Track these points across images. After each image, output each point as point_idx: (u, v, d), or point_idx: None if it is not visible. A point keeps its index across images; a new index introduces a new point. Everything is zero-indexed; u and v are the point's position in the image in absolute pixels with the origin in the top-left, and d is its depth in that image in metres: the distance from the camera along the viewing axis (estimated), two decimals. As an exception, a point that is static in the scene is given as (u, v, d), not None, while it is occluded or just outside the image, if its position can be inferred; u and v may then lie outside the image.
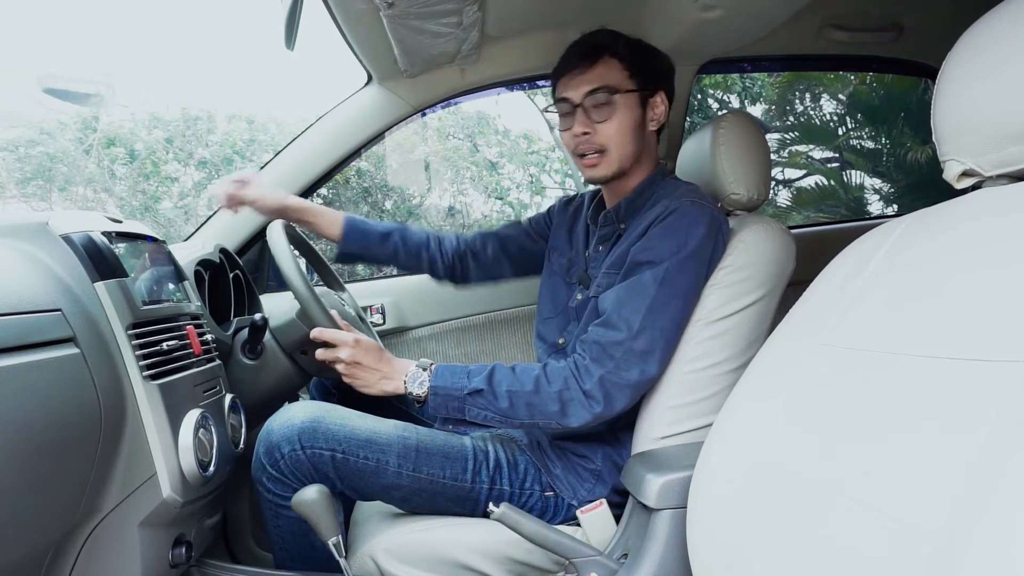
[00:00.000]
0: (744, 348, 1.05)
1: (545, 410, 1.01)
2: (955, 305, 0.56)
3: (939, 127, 0.65)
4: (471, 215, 4.89)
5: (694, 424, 1.04)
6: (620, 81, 1.09)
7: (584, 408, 1.00)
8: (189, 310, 1.12)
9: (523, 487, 1.12)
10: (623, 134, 1.09)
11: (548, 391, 1.00)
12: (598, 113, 1.09)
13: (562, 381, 1.01)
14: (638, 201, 1.13)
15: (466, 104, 4.84)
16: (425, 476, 1.08)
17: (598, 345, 1.01)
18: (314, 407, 1.11)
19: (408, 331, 1.88)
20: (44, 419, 0.73)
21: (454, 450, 1.12)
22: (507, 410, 1.01)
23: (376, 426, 1.10)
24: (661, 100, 1.13)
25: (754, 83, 4.88)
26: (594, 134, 1.09)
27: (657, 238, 1.03)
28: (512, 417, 1.02)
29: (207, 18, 12.88)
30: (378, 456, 1.07)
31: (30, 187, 4.41)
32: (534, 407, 1.01)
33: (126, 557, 0.91)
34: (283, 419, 1.08)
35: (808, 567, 0.57)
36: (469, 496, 1.10)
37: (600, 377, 0.99)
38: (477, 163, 4.86)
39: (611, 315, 1.02)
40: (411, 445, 1.09)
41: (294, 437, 1.05)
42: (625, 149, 1.10)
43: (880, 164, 4.81)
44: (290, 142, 1.68)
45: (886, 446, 0.54)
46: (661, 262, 1.01)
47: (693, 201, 1.05)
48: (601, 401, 0.99)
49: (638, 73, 1.09)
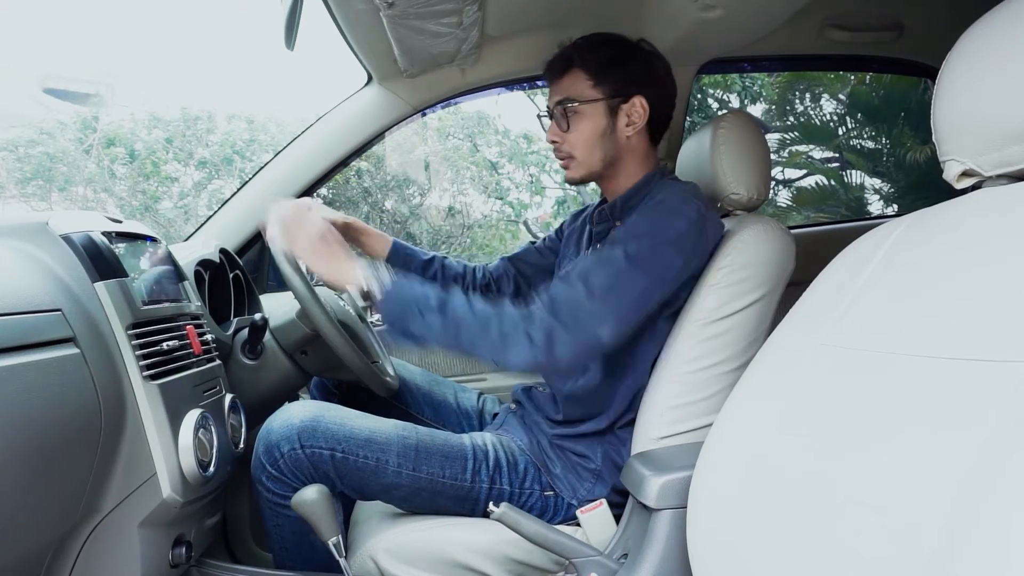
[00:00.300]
0: (744, 348, 1.05)
1: (488, 344, 0.97)
2: (955, 305, 0.56)
3: (939, 127, 0.65)
4: (471, 215, 4.89)
5: (694, 424, 1.04)
6: (583, 92, 1.12)
7: (527, 350, 0.96)
8: (189, 310, 1.12)
9: (523, 486, 1.12)
10: (587, 142, 1.14)
11: (498, 327, 0.97)
12: (564, 123, 1.14)
13: (511, 324, 0.97)
14: (634, 199, 1.15)
15: (466, 104, 4.84)
16: (425, 475, 1.08)
17: (553, 299, 0.99)
18: (313, 406, 1.11)
19: (408, 331, 1.88)
20: (44, 419, 0.73)
21: (454, 450, 1.12)
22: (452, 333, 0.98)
23: (376, 425, 1.11)
24: (640, 105, 1.12)
25: (754, 83, 4.88)
26: (561, 142, 1.16)
27: (637, 223, 1.05)
28: (454, 345, 0.99)
29: (207, 18, 12.89)
30: (378, 455, 1.07)
31: (30, 187, 4.41)
32: (476, 339, 0.98)
33: (126, 557, 0.91)
34: (282, 419, 1.08)
35: (808, 567, 0.57)
36: (469, 496, 1.11)
37: (547, 326, 0.96)
38: (477, 163, 4.86)
39: (573, 275, 1.00)
40: (411, 444, 1.09)
41: (293, 436, 1.05)
42: (591, 156, 1.15)
43: (880, 164, 4.81)
44: (290, 142, 1.68)
45: (886, 446, 0.54)
46: (635, 240, 1.01)
47: (683, 197, 1.05)
48: (543, 349, 0.96)
49: (604, 83, 1.12)
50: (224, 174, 4.64)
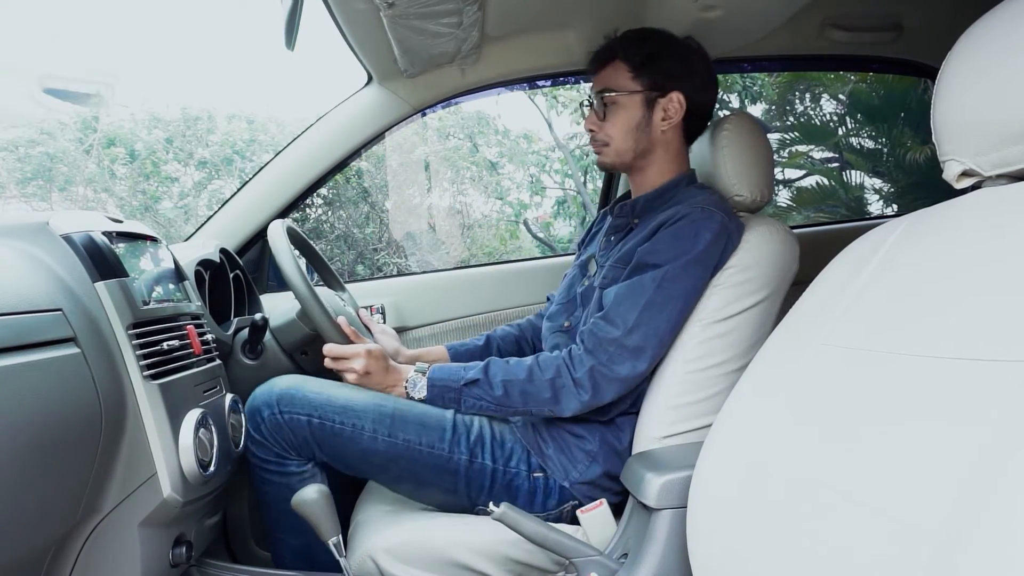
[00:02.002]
0: (747, 349, 1.05)
1: (538, 397, 1.05)
2: (956, 305, 0.56)
3: (939, 127, 0.65)
4: (471, 215, 4.89)
5: (695, 424, 1.04)
6: (623, 83, 1.16)
7: (574, 396, 1.04)
8: (189, 310, 1.12)
9: (508, 464, 1.13)
10: (622, 132, 1.18)
11: (541, 378, 1.05)
12: (602, 111, 1.18)
13: (554, 369, 1.06)
14: (657, 201, 1.18)
15: (466, 104, 4.84)
16: (401, 442, 1.10)
17: (594, 337, 1.06)
18: (297, 378, 1.17)
19: (408, 331, 1.88)
20: (44, 419, 0.73)
21: (432, 419, 1.14)
22: (502, 398, 1.06)
23: (353, 394, 1.14)
24: (677, 100, 1.16)
25: (754, 83, 4.88)
26: (598, 131, 1.20)
27: (663, 241, 1.07)
28: (507, 405, 1.07)
29: (207, 18, 12.89)
30: (353, 421, 1.10)
31: (30, 187, 4.41)
32: (528, 395, 1.06)
33: (126, 557, 0.91)
34: (265, 387, 1.15)
35: (808, 566, 0.57)
36: (447, 467, 1.11)
37: (591, 368, 1.04)
38: (477, 163, 4.86)
39: (610, 311, 1.06)
40: (387, 412, 1.12)
41: (273, 402, 1.11)
42: (624, 145, 1.18)
43: (880, 164, 4.81)
44: (290, 142, 1.68)
45: (886, 446, 0.54)
46: (663, 264, 1.05)
47: (704, 208, 1.07)
48: (589, 390, 1.04)
49: (644, 76, 1.15)
50: (224, 174, 4.64)
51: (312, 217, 4.27)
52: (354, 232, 4.40)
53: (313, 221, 4.28)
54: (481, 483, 1.12)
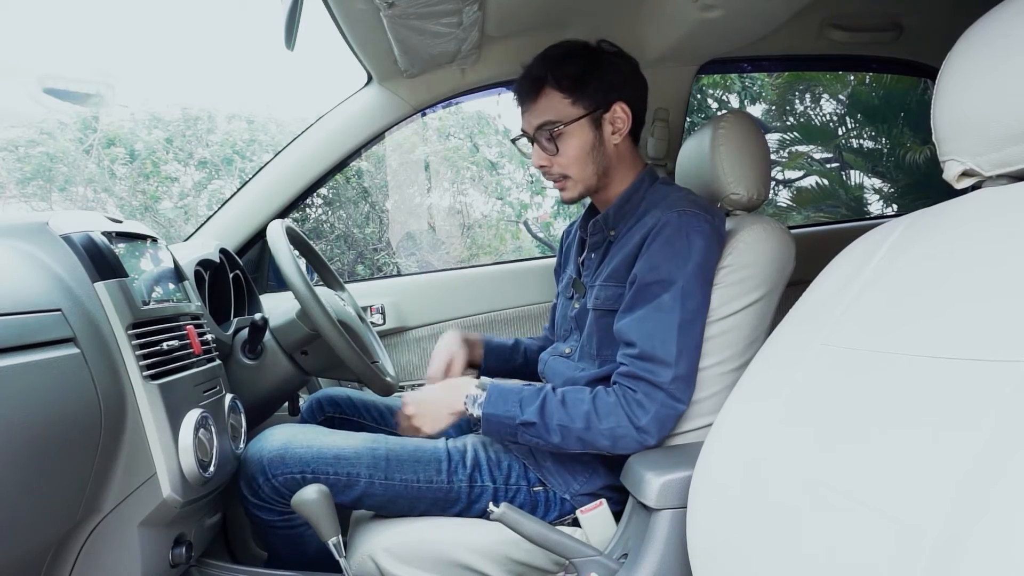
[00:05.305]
0: (744, 348, 1.05)
1: (596, 444, 1.01)
2: (955, 305, 0.56)
3: (939, 127, 0.65)
4: (471, 215, 4.88)
5: (694, 424, 1.04)
6: (564, 112, 1.09)
7: (636, 442, 1.00)
8: (189, 310, 1.12)
9: (508, 483, 1.12)
10: (580, 161, 1.11)
11: (599, 428, 1.00)
12: (550, 146, 1.11)
13: (614, 419, 1.00)
14: (626, 207, 1.14)
15: (466, 104, 4.84)
16: (399, 483, 1.10)
17: (645, 381, 1.00)
18: (285, 434, 1.15)
19: (408, 331, 1.88)
20: (44, 419, 0.73)
21: (426, 454, 1.13)
22: (559, 443, 1.02)
23: (343, 442, 1.13)
24: (621, 111, 1.11)
25: (754, 83, 4.88)
26: (551, 165, 1.13)
27: (660, 256, 1.02)
28: (564, 448, 1.03)
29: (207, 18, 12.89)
30: (348, 470, 1.09)
31: (30, 187, 4.41)
32: (585, 442, 1.02)
33: (126, 557, 0.91)
34: (255, 451, 1.13)
35: (808, 567, 0.57)
36: (448, 496, 1.11)
37: (655, 412, 0.99)
38: (477, 163, 4.85)
39: (645, 347, 1.00)
40: (380, 455, 1.11)
41: (264, 468, 1.10)
42: (585, 172, 1.12)
43: (880, 164, 4.81)
44: (290, 142, 1.68)
45: (886, 446, 0.54)
46: (674, 281, 1.01)
47: (682, 211, 1.04)
48: (655, 435, 1.00)
49: (582, 97, 1.09)
50: (224, 174, 4.63)
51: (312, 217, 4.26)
52: (354, 232, 4.40)
53: (313, 221, 4.27)
54: (484, 505, 1.11)
